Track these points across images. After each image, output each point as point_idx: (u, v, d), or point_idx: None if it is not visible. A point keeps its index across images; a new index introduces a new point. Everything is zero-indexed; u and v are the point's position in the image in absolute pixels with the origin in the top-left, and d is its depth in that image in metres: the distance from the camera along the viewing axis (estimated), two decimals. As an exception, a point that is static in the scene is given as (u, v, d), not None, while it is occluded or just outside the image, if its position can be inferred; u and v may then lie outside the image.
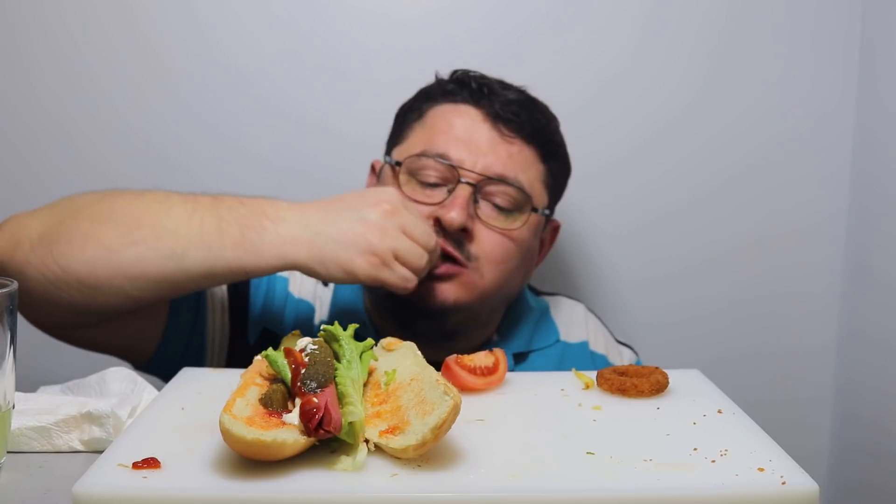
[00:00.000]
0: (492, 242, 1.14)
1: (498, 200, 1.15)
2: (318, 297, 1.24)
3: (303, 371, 0.70)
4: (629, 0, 1.50)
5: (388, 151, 1.23)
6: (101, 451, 0.79)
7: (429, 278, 1.11)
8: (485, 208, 1.14)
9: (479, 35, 1.50)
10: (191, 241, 0.97)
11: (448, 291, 1.13)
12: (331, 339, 0.78)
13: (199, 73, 1.50)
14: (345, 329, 0.79)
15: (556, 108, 1.49)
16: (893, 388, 1.41)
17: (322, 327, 0.79)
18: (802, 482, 0.64)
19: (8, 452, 0.78)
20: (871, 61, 1.49)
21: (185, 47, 1.49)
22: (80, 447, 0.81)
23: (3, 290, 0.73)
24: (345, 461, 0.66)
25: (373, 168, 1.28)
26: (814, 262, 1.57)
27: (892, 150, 1.43)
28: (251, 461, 0.65)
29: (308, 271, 1.00)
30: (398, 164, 1.17)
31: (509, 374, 0.89)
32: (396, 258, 1.00)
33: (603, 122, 1.52)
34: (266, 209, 1.00)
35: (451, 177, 1.13)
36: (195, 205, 1.00)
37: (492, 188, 1.14)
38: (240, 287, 1.19)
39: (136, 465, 0.65)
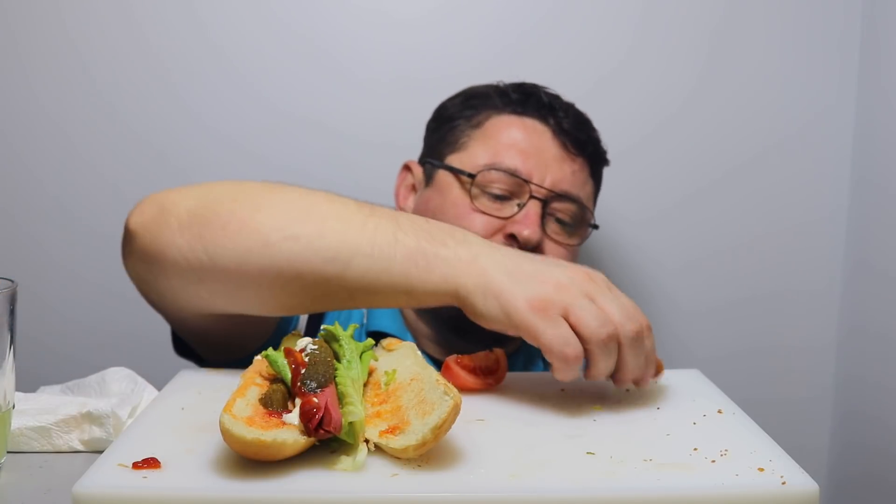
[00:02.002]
0: (559, 257, 1.12)
1: (561, 216, 1.16)
2: None
3: (303, 371, 0.70)
4: (627, -3, 1.50)
5: (437, 156, 1.21)
6: (101, 451, 0.79)
7: None
8: (551, 224, 1.16)
9: (479, 34, 1.50)
10: (360, 247, 0.82)
11: None
12: (331, 339, 0.78)
13: (198, 73, 1.49)
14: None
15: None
16: (894, 385, 1.41)
17: (322, 327, 0.79)
18: (802, 482, 0.64)
19: (8, 452, 0.78)
20: (871, 57, 1.49)
21: (184, 47, 1.49)
22: (80, 447, 0.82)
23: (4, 291, 0.73)
24: (345, 461, 0.66)
25: (408, 168, 1.26)
26: (814, 259, 1.57)
27: (892, 147, 1.43)
28: (251, 461, 0.65)
29: (468, 305, 0.82)
30: (471, 175, 1.15)
31: (509, 374, 0.89)
32: (566, 316, 0.78)
33: (599, 119, 1.50)
34: (455, 231, 0.86)
35: (522, 191, 1.14)
36: (372, 210, 0.86)
37: (558, 205, 1.16)
38: None
39: (136, 465, 0.65)
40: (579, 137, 1.18)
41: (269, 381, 0.74)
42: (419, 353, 0.80)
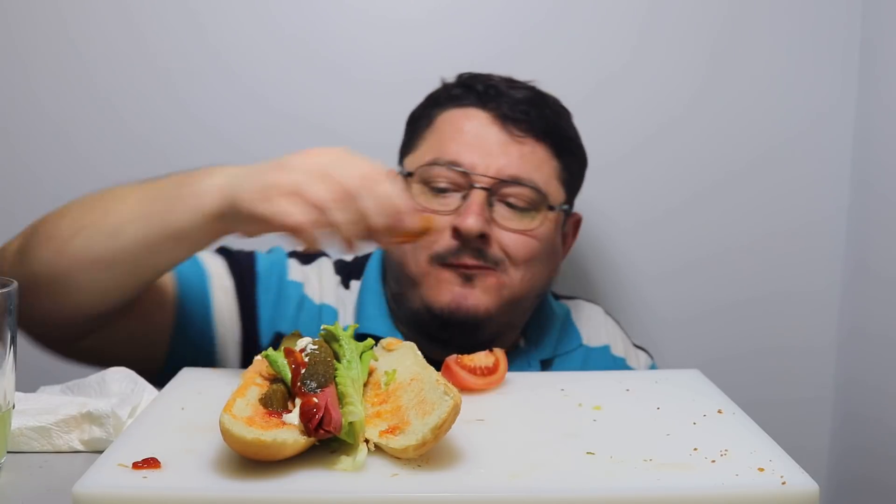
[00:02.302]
0: (513, 244, 1.13)
1: (514, 201, 1.13)
2: (340, 300, 1.22)
3: (303, 371, 0.70)
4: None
5: (401, 161, 1.22)
6: (101, 451, 0.79)
7: (459, 284, 1.10)
8: (502, 211, 1.13)
9: (480, 35, 1.50)
10: (133, 213, 0.93)
11: (478, 299, 1.11)
12: (331, 339, 0.78)
13: (198, 74, 1.49)
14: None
15: (556, 108, 1.50)
16: (894, 387, 1.41)
17: (322, 327, 0.79)
18: (802, 482, 0.64)
19: (8, 452, 0.78)
20: (871, 60, 1.49)
21: (184, 48, 1.49)
22: (80, 447, 0.81)
23: (3, 290, 0.73)
24: (345, 461, 0.66)
25: None
26: (814, 261, 1.57)
27: (892, 149, 1.43)
28: (251, 461, 0.65)
29: (219, 222, 0.90)
30: (409, 174, 1.16)
31: (509, 374, 0.89)
32: (295, 194, 0.85)
33: (602, 121, 1.51)
34: (214, 167, 0.92)
35: (464, 183, 1.12)
36: (152, 181, 0.95)
37: (507, 190, 1.13)
38: (247, 289, 1.17)
39: (136, 465, 0.65)
40: (524, 119, 1.15)
41: (269, 381, 0.74)
42: (419, 353, 0.80)
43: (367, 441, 0.68)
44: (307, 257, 1.24)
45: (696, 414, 0.78)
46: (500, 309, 1.13)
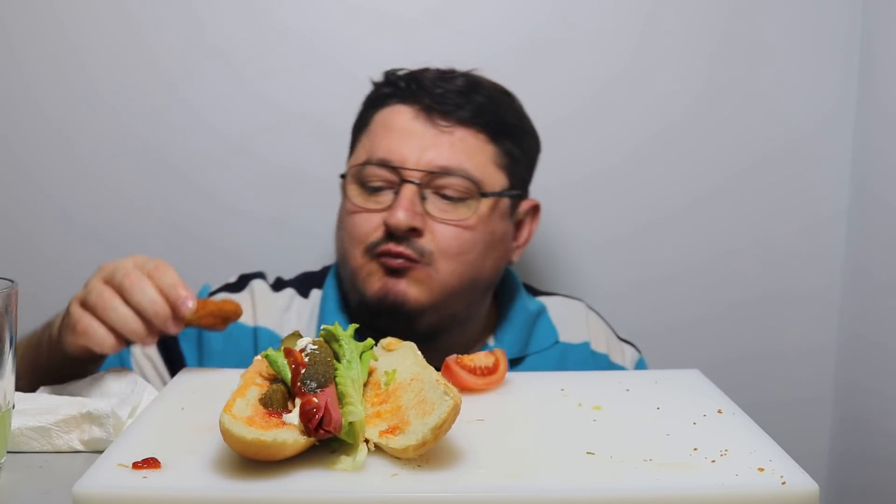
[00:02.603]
0: (446, 236, 1.13)
1: (448, 192, 1.14)
2: (290, 313, 1.23)
3: (303, 371, 0.70)
4: (629, 2, 1.50)
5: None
6: (101, 451, 0.79)
7: (387, 275, 1.12)
8: (436, 202, 1.14)
9: (481, 34, 1.50)
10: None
11: (404, 288, 1.12)
12: (331, 339, 0.78)
13: (198, 73, 1.49)
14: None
15: (557, 109, 1.50)
16: (893, 390, 1.41)
17: (322, 327, 0.79)
18: (802, 482, 0.64)
19: (8, 452, 0.78)
20: (871, 63, 1.49)
21: (184, 47, 1.49)
22: (80, 447, 0.81)
23: (3, 291, 0.73)
24: (345, 461, 0.66)
25: None
26: (813, 264, 1.57)
27: (891, 152, 1.43)
28: (251, 461, 0.65)
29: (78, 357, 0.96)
30: (343, 176, 1.18)
31: (509, 374, 0.89)
32: (83, 302, 0.92)
33: (603, 124, 1.52)
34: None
35: (396, 179, 1.13)
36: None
37: (438, 182, 1.13)
38: (168, 342, 1.18)
39: (136, 465, 0.65)
40: (450, 108, 1.15)
41: (269, 381, 0.74)
42: (419, 353, 0.80)
43: (367, 441, 0.68)
44: (237, 285, 1.26)
45: (696, 414, 0.78)
46: (434, 300, 1.14)
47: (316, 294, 1.26)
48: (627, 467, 0.66)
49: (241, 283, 1.26)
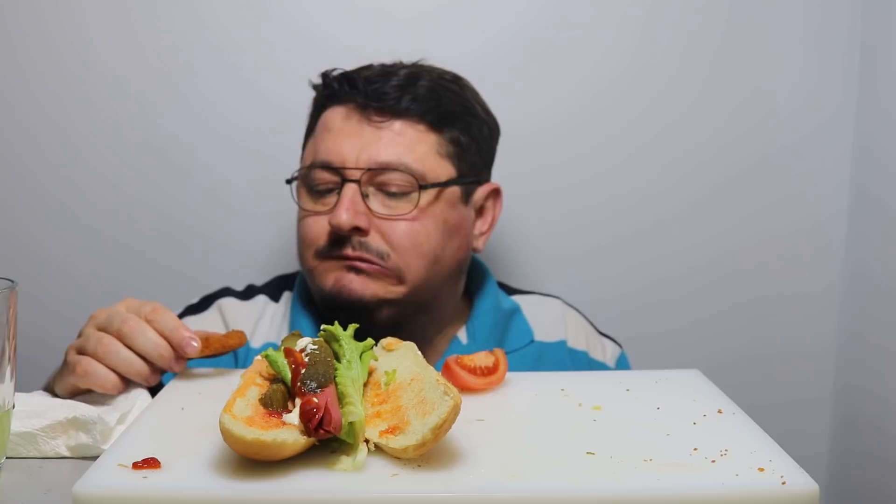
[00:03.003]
0: (396, 232, 1.12)
1: (392, 188, 1.12)
2: (261, 319, 1.23)
3: (303, 371, 0.70)
4: (630, 4, 1.50)
5: None
6: (87, 458, 0.79)
7: (342, 270, 1.12)
8: (379, 199, 1.13)
9: (481, 35, 1.50)
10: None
11: (362, 283, 1.12)
12: (331, 339, 0.78)
13: (199, 72, 1.49)
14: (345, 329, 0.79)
15: (558, 111, 1.51)
16: (893, 391, 1.41)
17: (322, 327, 0.79)
18: (802, 482, 0.64)
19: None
20: (871, 64, 1.49)
21: (184, 46, 1.49)
22: (67, 453, 0.80)
23: (4, 291, 0.73)
24: (345, 461, 0.66)
25: None
26: (813, 265, 1.57)
27: (891, 153, 1.43)
28: (251, 461, 0.65)
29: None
30: (289, 181, 1.19)
31: (509, 374, 0.89)
32: (81, 350, 0.92)
33: (604, 126, 1.51)
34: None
35: (338, 180, 1.13)
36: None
37: (380, 179, 1.12)
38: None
39: (136, 465, 0.65)
40: (387, 104, 1.13)
41: (269, 381, 0.74)
42: (419, 353, 0.80)
43: (367, 441, 0.68)
44: (200, 306, 1.26)
45: (696, 414, 0.78)
46: (394, 294, 1.13)
47: (287, 296, 1.26)
48: (627, 467, 0.66)
49: (204, 304, 1.26)
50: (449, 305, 1.23)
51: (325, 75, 1.20)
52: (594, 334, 1.32)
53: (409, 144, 1.13)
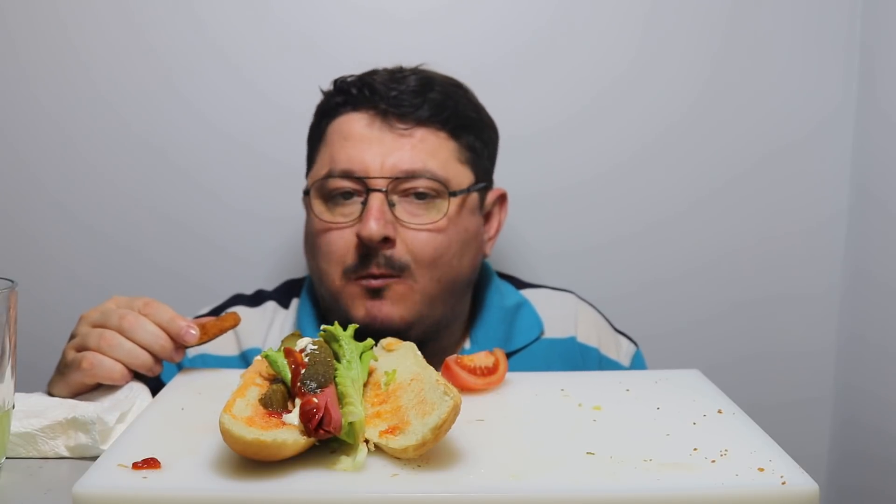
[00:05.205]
0: (419, 243, 1.10)
1: (415, 197, 1.11)
2: (273, 328, 1.22)
3: (303, 371, 0.70)
4: (630, 4, 1.50)
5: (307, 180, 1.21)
6: (86, 458, 0.79)
7: (369, 298, 1.09)
8: (405, 207, 1.10)
9: (481, 36, 1.50)
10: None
11: (388, 309, 1.10)
12: (331, 339, 0.78)
13: (199, 72, 1.49)
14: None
15: (558, 111, 1.51)
16: (893, 391, 1.41)
17: (322, 327, 0.79)
18: (802, 482, 0.64)
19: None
20: (871, 63, 1.49)
21: (184, 46, 1.49)
22: (66, 453, 0.81)
23: (3, 291, 0.73)
24: (345, 461, 0.66)
25: None
26: (813, 265, 1.57)
27: (891, 154, 1.43)
28: (251, 461, 0.65)
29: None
30: (306, 192, 1.15)
31: (509, 374, 0.89)
32: (82, 348, 0.92)
33: (604, 126, 1.51)
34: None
35: (361, 189, 1.10)
36: None
37: (404, 187, 1.10)
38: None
39: (136, 466, 0.65)
40: (406, 110, 1.11)
41: (269, 381, 0.74)
42: (419, 353, 0.80)
43: (367, 441, 0.68)
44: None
45: (696, 414, 0.78)
46: (418, 313, 1.11)
47: (295, 304, 1.24)
48: (627, 467, 0.66)
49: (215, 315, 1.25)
50: (465, 311, 1.22)
51: (339, 81, 1.17)
52: (608, 331, 1.30)
53: (431, 151, 1.12)
